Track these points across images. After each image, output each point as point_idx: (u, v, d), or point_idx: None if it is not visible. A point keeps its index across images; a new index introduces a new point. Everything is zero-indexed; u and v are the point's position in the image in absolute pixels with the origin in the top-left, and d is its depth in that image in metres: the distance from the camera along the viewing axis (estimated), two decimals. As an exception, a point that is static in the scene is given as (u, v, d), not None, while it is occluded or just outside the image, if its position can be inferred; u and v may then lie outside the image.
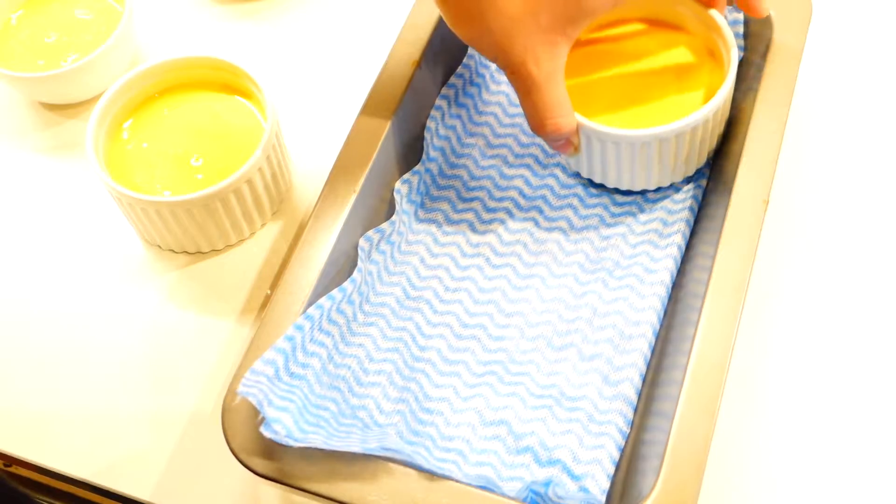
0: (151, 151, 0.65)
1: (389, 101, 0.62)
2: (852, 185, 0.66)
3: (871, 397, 0.59)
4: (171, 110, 0.67)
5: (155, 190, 0.64)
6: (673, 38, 0.64)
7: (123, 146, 0.65)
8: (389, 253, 0.61)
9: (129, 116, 0.66)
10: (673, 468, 0.50)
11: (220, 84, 0.68)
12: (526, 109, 0.57)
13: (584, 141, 0.61)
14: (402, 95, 0.62)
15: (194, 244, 0.65)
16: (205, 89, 0.68)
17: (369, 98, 0.62)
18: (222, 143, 0.66)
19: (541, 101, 0.56)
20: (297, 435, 0.50)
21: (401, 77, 0.63)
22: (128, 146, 0.65)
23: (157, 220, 0.63)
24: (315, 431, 0.51)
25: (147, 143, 0.66)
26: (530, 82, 0.55)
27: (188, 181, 0.64)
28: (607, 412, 0.56)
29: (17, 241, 0.69)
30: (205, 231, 0.64)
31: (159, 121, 0.67)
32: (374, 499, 0.49)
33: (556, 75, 0.56)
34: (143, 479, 0.59)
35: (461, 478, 0.50)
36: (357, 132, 0.61)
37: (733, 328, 0.53)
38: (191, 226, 0.63)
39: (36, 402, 0.62)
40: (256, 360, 0.52)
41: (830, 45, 0.72)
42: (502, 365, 0.59)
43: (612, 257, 0.62)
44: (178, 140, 0.66)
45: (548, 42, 0.55)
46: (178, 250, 0.66)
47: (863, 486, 0.56)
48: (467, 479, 0.51)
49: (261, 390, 0.51)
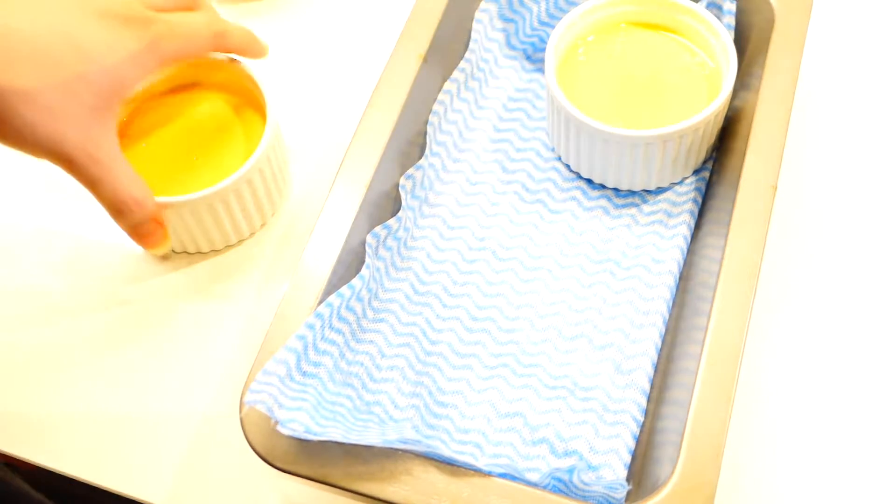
0: (151, 151, 0.65)
1: (396, 96, 0.62)
2: (859, 172, 0.67)
3: (886, 381, 0.59)
4: (171, 110, 0.67)
5: (155, 190, 0.63)
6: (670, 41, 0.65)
7: (123, 146, 0.65)
8: (396, 249, 0.61)
9: (128, 115, 0.66)
10: (690, 455, 0.50)
11: (221, 83, 0.67)
12: (101, 199, 0.54)
13: (587, 141, 0.61)
14: (409, 91, 0.62)
15: (194, 244, 0.65)
16: (205, 89, 0.67)
17: (375, 93, 0.62)
18: (222, 143, 0.65)
19: (114, 182, 0.53)
20: (316, 429, 0.49)
21: (406, 72, 0.62)
22: (128, 145, 0.65)
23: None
24: (333, 426, 0.50)
25: (146, 143, 0.65)
26: (97, 167, 0.52)
27: (188, 181, 0.64)
28: (621, 401, 0.57)
29: (17, 240, 0.68)
30: (205, 231, 0.64)
31: (159, 120, 0.66)
32: (395, 490, 0.49)
33: (118, 152, 0.53)
34: (153, 482, 0.59)
35: (482, 467, 0.50)
36: (365, 128, 0.61)
37: (746, 314, 0.53)
38: (192, 226, 0.63)
39: (42, 405, 0.62)
40: (269, 359, 0.52)
41: (833, 32, 0.72)
42: (514, 357, 0.59)
43: (618, 248, 0.62)
44: (177, 139, 0.66)
45: (100, 122, 0.52)
46: (178, 250, 0.66)
47: (882, 468, 0.57)
48: (488, 468, 0.50)
49: (270, 394, 0.50)
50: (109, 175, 0.53)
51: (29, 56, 0.47)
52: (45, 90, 0.48)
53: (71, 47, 0.49)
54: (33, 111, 0.49)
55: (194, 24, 0.57)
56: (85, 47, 0.50)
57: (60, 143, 0.50)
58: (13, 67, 0.47)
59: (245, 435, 0.51)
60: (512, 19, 0.69)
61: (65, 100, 0.49)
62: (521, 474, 0.52)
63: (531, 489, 0.50)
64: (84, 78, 0.50)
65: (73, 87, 0.50)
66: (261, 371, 0.51)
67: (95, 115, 0.51)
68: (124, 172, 0.54)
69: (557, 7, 0.68)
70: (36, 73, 0.48)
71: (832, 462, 0.57)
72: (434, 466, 0.50)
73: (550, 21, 0.68)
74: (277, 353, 0.52)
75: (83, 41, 0.49)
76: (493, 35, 0.69)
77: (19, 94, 0.48)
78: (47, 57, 0.48)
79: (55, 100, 0.49)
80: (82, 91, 0.50)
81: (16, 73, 0.47)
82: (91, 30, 0.50)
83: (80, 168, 0.52)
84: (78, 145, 0.51)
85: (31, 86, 0.48)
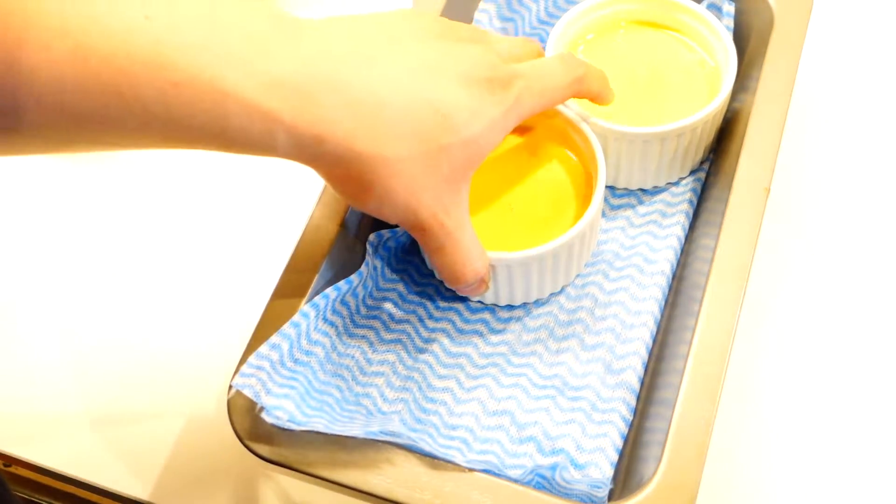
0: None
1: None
2: (856, 175, 0.66)
3: (875, 383, 0.59)
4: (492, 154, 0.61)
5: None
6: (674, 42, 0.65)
7: None
8: (394, 250, 0.61)
9: None
10: (674, 455, 0.50)
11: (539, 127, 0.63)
12: (441, 264, 0.54)
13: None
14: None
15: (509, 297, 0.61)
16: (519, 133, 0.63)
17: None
18: (539, 195, 0.61)
19: (457, 251, 0.53)
20: (300, 419, 0.50)
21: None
22: None
23: None
24: (318, 416, 0.51)
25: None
26: (444, 234, 0.52)
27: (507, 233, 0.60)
28: (610, 400, 0.56)
29: (17, 240, 0.69)
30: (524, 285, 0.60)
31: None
32: (379, 482, 0.49)
33: (466, 221, 0.53)
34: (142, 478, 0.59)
35: (464, 463, 0.50)
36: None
37: (735, 315, 0.53)
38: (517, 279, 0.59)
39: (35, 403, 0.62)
40: (258, 348, 0.52)
41: (833, 35, 0.72)
42: (504, 357, 0.59)
43: (611, 249, 0.62)
44: (494, 183, 0.61)
45: (453, 191, 0.51)
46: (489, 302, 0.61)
47: (868, 468, 0.56)
48: (470, 464, 0.51)
49: (259, 379, 0.51)
50: (454, 245, 0.53)
51: (399, 127, 0.47)
52: (409, 160, 0.48)
53: (437, 118, 0.48)
54: (396, 180, 0.49)
55: (552, 74, 0.55)
56: (450, 117, 0.49)
57: (416, 211, 0.50)
58: (384, 138, 0.47)
59: (230, 419, 0.51)
60: (511, 18, 0.69)
61: (426, 170, 0.49)
62: (503, 471, 0.52)
63: (513, 485, 0.50)
64: (447, 150, 0.49)
65: (435, 157, 0.49)
66: (253, 354, 0.52)
67: (450, 183, 0.51)
68: (469, 242, 0.54)
69: (557, 6, 0.68)
70: (404, 144, 0.48)
71: (817, 462, 0.57)
72: (418, 459, 0.50)
73: (550, 20, 0.68)
74: (271, 338, 0.52)
75: (449, 111, 0.49)
76: (492, 34, 0.69)
77: (388, 164, 0.48)
78: (415, 128, 0.48)
79: (417, 170, 0.49)
80: (443, 161, 0.50)
81: (386, 144, 0.47)
82: (456, 98, 0.49)
83: (429, 235, 0.52)
84: (431, 213, 0.51)
85: (398, 156, 0.48)
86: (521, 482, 0.50)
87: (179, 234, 0.68)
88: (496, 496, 0.49)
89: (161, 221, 0.68)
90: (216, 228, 0.68)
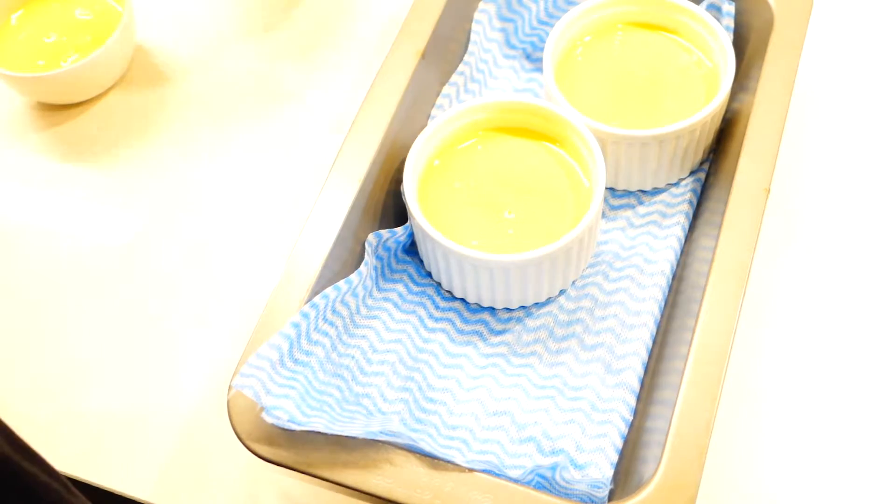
0: (462, 194, 0.61)
1: (393, 92, 0.62)
2: (853, 176, 0.66)
3: (874, 383, 0.59)
4: (486, 154, 0.63)
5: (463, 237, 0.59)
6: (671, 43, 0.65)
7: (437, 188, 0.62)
8: (394, 251, 0.61)
9: (439, 156, 0.62)
10: (674, 455, 0.50)
11: (540, 132, 0.63)
12: None
13: None
14: (407, 86, 0.62)
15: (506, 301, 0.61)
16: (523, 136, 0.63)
17: (373, 88, 0.62)
18: (537, 199, 0.61)
19: None
20: (300, 419, 0.50)
21: (404, 68, 0.63)
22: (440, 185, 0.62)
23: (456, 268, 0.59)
24: (318, 416, 0.51)
25: (459, 183, 0.61)
26: None
27: (498, 236, 0.59)
28: (610, 400, 0.56)
29: (17, 240, 0.69)
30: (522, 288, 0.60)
31: (473, 163, 0.62)
32: (379, 482, 0.49)
33: None
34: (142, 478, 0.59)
35: (464, 463, 0.50)
36: (360, 123, 0.61)
37: (735, 315, 0.53)
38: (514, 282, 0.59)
39: (35, 403, 0.62)
40: (258, 348, 0.52)
41: (833, 36, 0.72)
42: (504, 357, 0.59)
43: (611, 249, 0.62)
44: (490, 186, 0.61)
45: None
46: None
47: (866, 468, 0.56)
48: (470, 464, 0.51)
49: (259, 379, 0.51)
50: None
51: None
52: None
53: None
54: None
55: None
56: None
57: None
58: None
59: (230, 419, 0.51)
60: (511, 18, 0.69)
61: None
62: (503, 471, 0.52)
63: (513, 485, 0.50)
64: None
65: None
66: (253, 354, 0.52)
67: None
68: None
69: (556, 6, 0.68)
70: None
71: (817, 462, 0.57)
72: (418, 459, 0.50)
73: (549, 20, 0.68)
74: (271, 338, 0.52)
75: None
76: (492, 35, 0.69)
77: None
78: None
79: None
80: None
81: None
82: None
83: None
84: None
85: None
86: (521, 482, 0.50)
87: (179, 234, 0.68)
88: (496, 496, 0.49)
89: (161, 222, 0.68)
90: (216, 229, 0.68)
